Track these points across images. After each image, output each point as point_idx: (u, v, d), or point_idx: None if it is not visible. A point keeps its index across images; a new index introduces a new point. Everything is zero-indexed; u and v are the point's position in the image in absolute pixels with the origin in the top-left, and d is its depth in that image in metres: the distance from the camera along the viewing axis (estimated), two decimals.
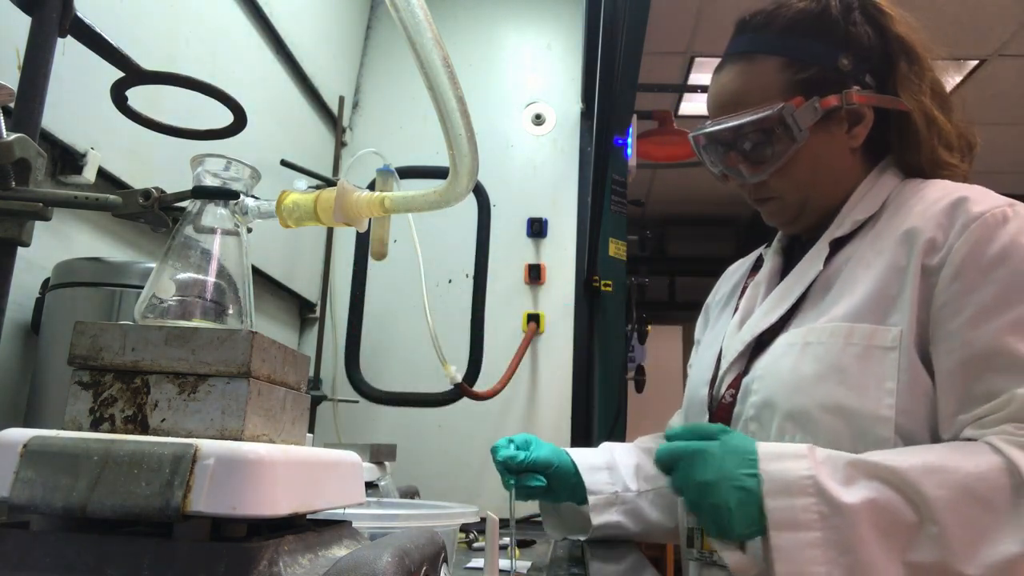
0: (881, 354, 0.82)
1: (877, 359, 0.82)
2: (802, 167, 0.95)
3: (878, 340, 0.83)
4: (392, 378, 2.03)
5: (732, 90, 0.98)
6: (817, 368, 0.85)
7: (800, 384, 0.86)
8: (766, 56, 0.96)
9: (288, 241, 2.02)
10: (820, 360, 0.86)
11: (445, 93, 0.59)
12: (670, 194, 5.52)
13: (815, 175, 0.96)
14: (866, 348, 0.83)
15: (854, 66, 0.95)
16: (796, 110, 0.92)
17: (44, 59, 0.71)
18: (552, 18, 2.47)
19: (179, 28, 1.43)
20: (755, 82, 0.96)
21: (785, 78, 0.94)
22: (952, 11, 3.30)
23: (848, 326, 0.86)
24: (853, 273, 0.90)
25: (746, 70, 0.97)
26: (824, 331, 0.88)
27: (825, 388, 0.84)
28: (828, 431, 0.83)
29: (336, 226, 0.68)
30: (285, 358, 0.55)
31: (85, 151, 1.16)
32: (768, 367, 0.92)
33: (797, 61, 0.95)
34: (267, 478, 0.44)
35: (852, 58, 0.95)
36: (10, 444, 0.44)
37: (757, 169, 0.96)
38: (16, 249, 0.66)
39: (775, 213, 1.01)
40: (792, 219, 1.00)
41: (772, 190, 0.98)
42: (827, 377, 0.84)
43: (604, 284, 2.20)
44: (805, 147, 0.94)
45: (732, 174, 0.99)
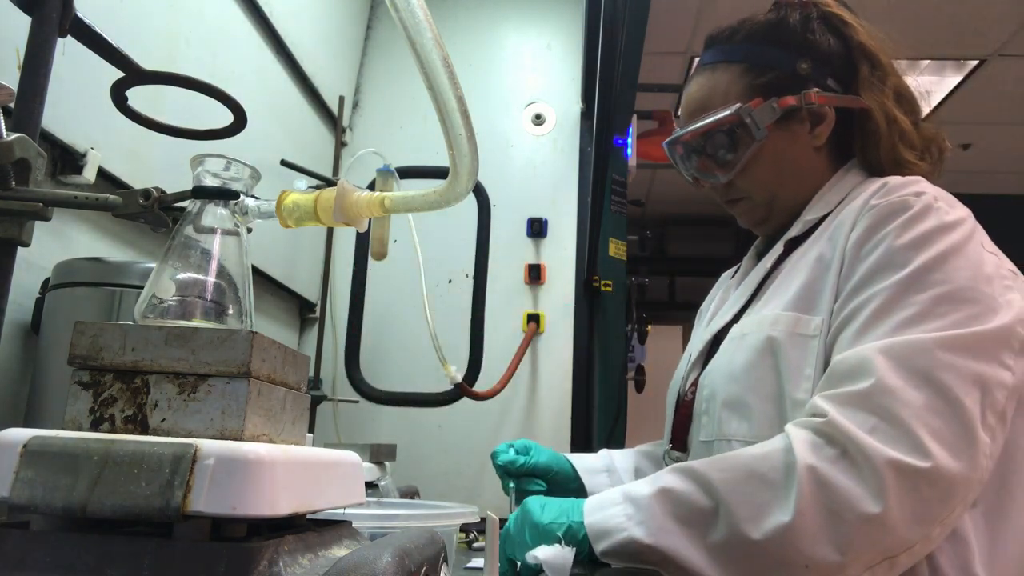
0: (803, 342, 0.86)
1: (799, 347, 0.86)
2: (765, 166, 0.99)
3: (801, 328, 0.87)
4: (392, 378, 2.03)
5: (697, 98, 1.03)
6: (748, 357, 0.90)
7: (734, 373, 0.91)
8: (728, 64, 1.02)
9: (288, 241, 2.02)
10: (750, 349, 0.90)
11: (445, 93, 0.59)
12: (670, 194, 5.52)
13: (780, 174, 1.00)
14: (789, 336, 0.87)
15: (814, 70, 0.99)
16: (754, 110, 0.97)
17: (44, 59, 0.71)
18: (552, 18, 2.47)
19: (179, 28, 1.43)
20: (717, 89, 1.01)
21: (745, 83, 1.00)
22: (952, 11, 3.30)
23: (774, 315, 0.90)
24: (793, 270, 0.94)
25: (709, 78, 1.03)
26: (755, 322, 0.92)
27: (755, 375, 0.88)
28: (761, 416, 0.87)
29: (336, 226, 0.68)
30: (285, 358, 0.55)
31: (85, 151, 1.16)
32: (715, 362, 0.97)
33: (756, 67, 1.00)
34: (267, 478, 0.44)
35: (811, 63, 0.99)
36: (10, 444, 0.44)
37: (723, 170, 1.01)
38: (16, 249, 0.66)
39: (745, 213, 1.06)
40: (763, 219, 1.05)
41: (740, 190, 1.03)
42: (756, 364, 0.89)
43: (604, 284, 2.20)
44: (767, 146, 0.98)
45: (702, 177, 1.04)
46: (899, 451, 0.70)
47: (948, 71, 3.84)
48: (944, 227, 0.82)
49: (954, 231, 0.82)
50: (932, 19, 3.38)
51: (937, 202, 0.85)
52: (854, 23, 1.02)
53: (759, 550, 0.72)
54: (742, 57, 1.01)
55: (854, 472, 0.71)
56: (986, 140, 4.46)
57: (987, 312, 0.77)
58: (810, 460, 0.72)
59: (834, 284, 0.86)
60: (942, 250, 0.80)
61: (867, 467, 0.71)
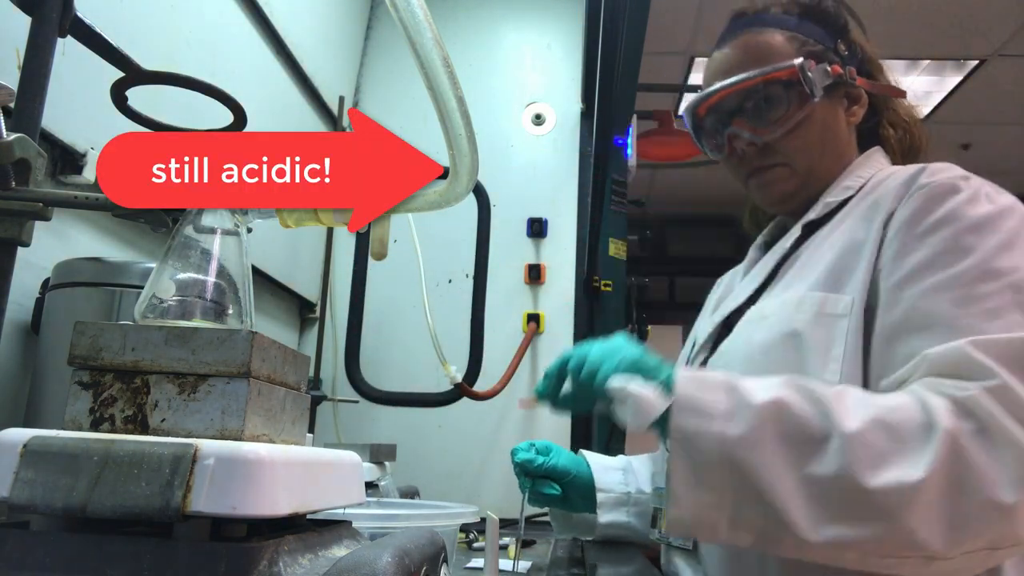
0: (831, 321, 0.82)
1: (826, 326, 0.82)
2: (813, 130, 0.95)
3: (829, 308, 0.83)
4: (392, 378, 2.03)
5: (740, 57, 0.97)
6: (768, 337, 0.86)
7: (752, 354, 0.87)
8: (773, 29, 0.98)
9: (288, 241, 2.02)
10: (771, 329, 0.86)
11: (445, 93, 0.59)
12: (670, 194, 5.52)
13: (823, 143, 0.96)
14: (816, 315, 0.83)
15: (848, 54, 0.99)
16: (813, 68, 0.93)
17: (44, 59, 0.71)
18: (552, 18, 2.46)
19: (179, 28, 1.43)
20: (765, 48, 0.96)
21: (795, 47, 0.96)
22: (952, 11, 3.30)
23: (800, 296, 0.86)
24: (816, 251, 0.90)
25: (753, 39, 0.98)
26: (777, 303, 0.89)
27: (775, 355, 0.84)
28: None
29: (336, 226, 0.68)
30: (285, 358, 0.55)
31: (85, 151, 1.16)
32: (730, 343, 0.93)
33: (803, 36, 0.97)
34: (267, 478, 0.44)
35: (846, 48, 0.99)
36: (10, 444, 0.44)
37: (769, 129, 0.95)
38: (16, 249, 0.67)
39: (777, 181, 0.98)
40: (794, 191, 0.98)
41: (780, 154, 0.96)
42: (777, 344, 0.85)
43: (604, 284, 2.20)
44: (816, 111, 0.94)
45: (743, 135, 0.96)
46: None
47: (948, 71, 3.84)
48: (1003, 212, 0.80)
49: (1012, 216, 0.80)
50: (932, 19, 3.38)
51: (985, 186, 0.83)
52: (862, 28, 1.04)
53: (866, 499, 0.66)
54: (787, 25, 0.98)
55: (995, 454, 0.66)
56: (986, 140, 4.46)
57: None
58: (951, 425, 0.67)
59: (869, 264, 0.83)
60: (1007, 236, 0.78)
61: (1010, 452, 0.66)
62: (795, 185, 0.97)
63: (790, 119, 0.94)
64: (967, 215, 0.79)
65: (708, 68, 1.02)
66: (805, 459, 0.68)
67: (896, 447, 0.67)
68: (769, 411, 0.70)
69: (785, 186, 0.98)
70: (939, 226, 0.80)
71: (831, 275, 0.85)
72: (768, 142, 0.95)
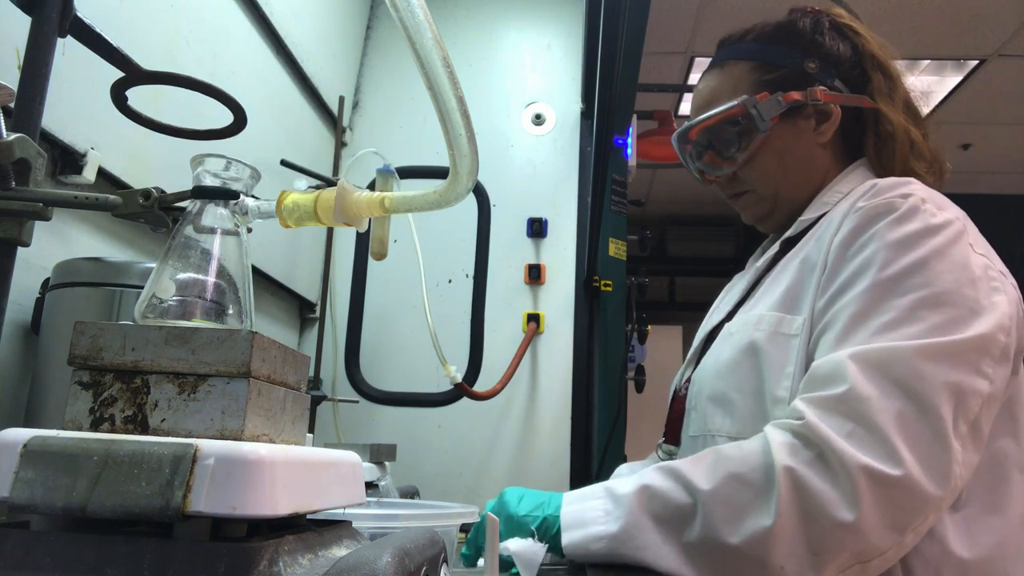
0: (785, 340, 0.87)
1: (781, 345, 0.87)
2: (770, 158, 1.01)
3: (784, 327, 0.88)
4: (392, 378, 2.03)
5: (705, 93, 1.06)
6: (732, 354, 0.92)
7: (719, 369, 0.93)
8: (737, 61, 1.04)
9: (288, 241, 2.02)
10: (735, 347, 0.92)
11: (445, 93, 0.59)
12: (670, 194, 5.52)
13: (784, 168, 1.01)
14: (772, 335, 0.88)
15: (821, 70, 1.01)
16: (760, 102, 0.99)
17: (44, 59, 0.71)
18: (552, 18, 2.46)
19: (179, 28, 1.43)
20: (726, 84, 1.04)
21: (754, 79, 1.02)
22: (952, 11, 3.30)
23: (758, 314, 0.92)
24: (783, 271, 0.95)
25: (719, 74, 1.06)
26: (741, 321, 0.94)
27: (738, 372, 0.90)
28: (743, 410, 0.88)
29: (336, 226, 0.68)
30: (285, 358, 0.55)
31: (85, 151, 1.16)
32: (705, 358, 0.99)
33: (765, 64, 1.02)
34: (267, 478, 0.44)
35: (819, 62, 1.01)
36: (10, 444, 0.44)
37: (729, 162, 1.02)
38: (16, 249, 0.66)
39: (750, 206, 1.06)
40: (767, 213, 1.05)
41: (744, 183, 1.04)
42: (740, 362, 0.90)
43: (604, 284, 2.20)
44: (772, 139, 1.00)
45: (709, 171, 1.06)
46: (873, 458, 0.71)
47: (948, 71, 3.84)
48: (929, 229, 0.82)
49: (939, 233, 0.82)
50: (932, 19, 3.38)
51: (925, 204, 0.84)
52: (865, 34, 1.05)
53: (735, 553, 0.73)
54: (751, 55, 1.04)
55: (829, 476, 0.72)
56: (986, 140, 4.46)
57: (968, 316, 0.77)
58: (787, 462, 0.73)
59: (816, 285, 0.87)
60: (925, 253, 0.80)
61: (842, 472, 0.71)
62: (766, 208, 1.05)
63: (743, 152, 1.01)
64: (890, 234, 0.82)
65: (693, 97, 1.10)
66: (678, 530, 0.77)
67: (748, 496, 0.74)
68: (638, 499, 0.79)
69: (756, 210, 1.06)
70: (864, 246, 0.83)
71: (788, 295, 0.90)
72: (732, 174, 1.03)
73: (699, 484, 0.76)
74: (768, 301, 0.93)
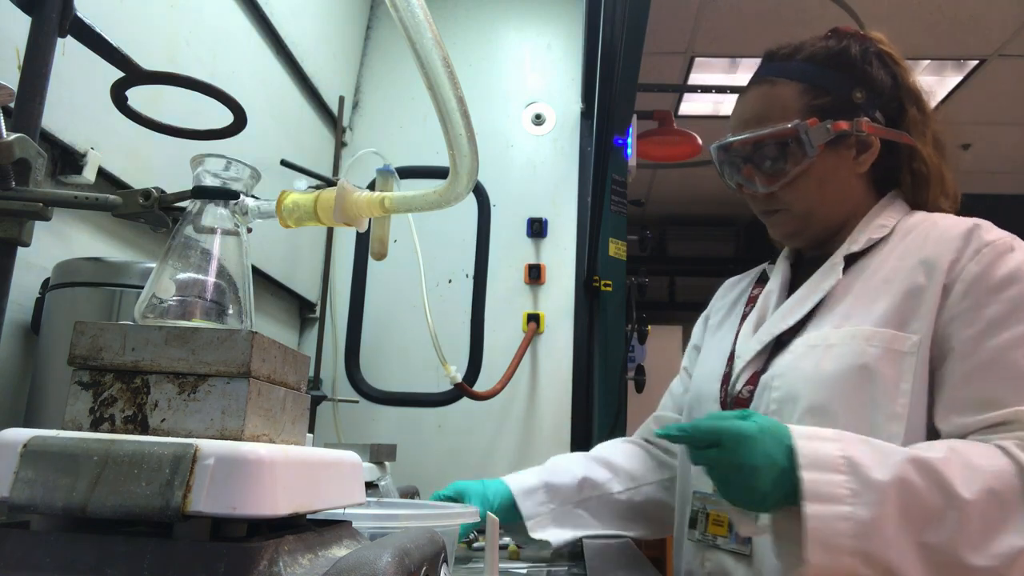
0: (899, 357, 0.90)
1: (895, 361, 0.90)
2: (810, 182, 1.04)
3: (898, 344, 0.91)
4: (392, 378, 2.03)
5: (755, 108, 1.08)
6: (839, 366, 0.93)
7: (823, 381, 0.93)
8: (788, 81, 1.06)
9: (288, 241, 2.01)
10: (842, 359, 0.93)
11: (445, 93, 0.59)
12: (670, 194, 5.52)
13: (822, 192, 1.05)
14: (886, 351, 0.91)
15: (866, 101, 1.05)
16: (811, 128, 1.02)
17: (44, 59, 0.71)
18: (552, 18, 2.46)
19: (179, 28, 1.43)
20: (776, 103, 1.06)
21: (804, 102, 1.04)
22: (952, 11, 3.30)
23: (870, 330, 0.93)
24: (869, 286, 0.98)
25: (769, 92, 1.07)
26: (846, 335, 0.95)
27: (846, 385, 0.92)
28: (846, 426, 0.88)
29: (336, 226, 0.68)
30: (285, 358, 0.55)
31: (85, 151, 1.16)
32: (789, 365, 0.99)
33: (815, 88, 1.05)
34: (267, 478, 0.44)
35: (865, 94, 1.05)
36: (10, 444, 0.44)
37: (770, 181, 1.05)
38: (16, 249, 0.66)
39: (781, 224, 1.10)
40: (796, 231, 1.09)
41: (781, 202, 1.07)
42: (849, 375, 0.92)
43: (604, 284, 2.20)
44: (815, 164, 1.03)
45: (747, 185, 1.08)
46: None
47: (948, 71, 3.84)
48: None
49: None
50: (932, 19, 3.38)
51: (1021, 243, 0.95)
52: (903, 65, 1.08)
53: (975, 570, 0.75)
54: (802, 76, 1.06)
55: None
56: (986, 140, 4.46)
57: None
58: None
59: (932, 310, 0.91)
60: None
61: None
62: (796, 227, 1.08)
63: (787, 174, 1.04)
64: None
65: (735, 108, 1.12)
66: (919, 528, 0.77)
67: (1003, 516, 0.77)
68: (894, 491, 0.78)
69: (787, 228, 1.09)
70: (1009, 282, 0.90)
71: (896, 313, 0.93)
72: (770, 191, 1.06)
73: (959, 491, 0.77)
74: (868, 317, 0.95)
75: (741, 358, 1.07)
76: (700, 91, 3.92)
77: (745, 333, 1.10)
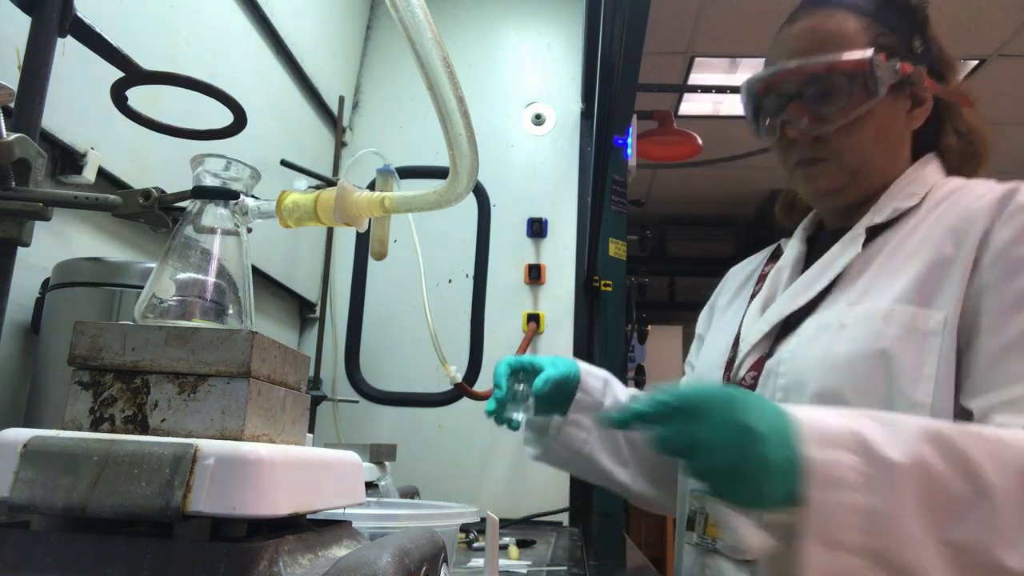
0: (922, 338, 0.79)
1: (918, 343, 0.79)
2: (868, 129, 0.91)
3: (921, 324, 0.80)
4: (392, 378, 2.03)
5: (811, 37, 0.93)
6: (852, 349, 0.82)
7: (835, 365, 0.83)
8: (853, 13, 0.93)
9: (288, 241, 2.02)
10: (856, 341, 0.82)
11: (445, 93, 0.59)
12: (670, 194, 5.52)
13: (878, 143, 0.92)
14: (907, 331, 0.80)
15: (921, 53, 0.94)
16: (882, 63, 0.88)
17: (44, 59, 0.71)
18: (552, 18, 2.46)
19: (179, 28, 1.43)
20: (839, 32, 0.92)
21: (871, 36, 0.91)
22: (952, 11, 3.30)
23: (888, 308, 0.82)
24: (892, 260, 0.87)
25: (826, 21, 0.93)
26: (861, 314, 0.84)
27: (860, 370, 0.81)
28: None
29: (336, 226, 0.68)
30: (285, 358, 0.55)
31: (85, 151, 1.16)
32: (797, 349, 0.88)
33: (881, 25, 0.92)
34: (267, 478, 0.44)
35: (922, 45, 0.94)
36: (10, 444, 0.44)
37: (824, 122, 0.90)
38: (16, 249, 0.67)
39: (824, 175, 0.94)
40: (838, 188, 0.94)
41: (829, 149, 0.92)
42: (863, 359, 0.81)
43: (604, 284, 2.20)
44: (876, 109, 0.90)
45: (793, 122, 0.92)
46: None
47: None
48: None
49: None
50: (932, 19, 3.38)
51: None
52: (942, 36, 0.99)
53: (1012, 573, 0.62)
54: (867, 10, 0.93)
55: None
56: None
57: None
58: None
59: (962, 282, 0.79)
60: None
61: None
62: (841, 182, 0.94)
63: (848, 114, 0.89)
64: None
65: (775, 45, 0.98)
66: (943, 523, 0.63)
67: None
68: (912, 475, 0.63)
69: (830, 182, 0.94)
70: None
71: (919, 289, 0.82)
72: (821, 134, 0.91)
73: (989, 477, 0.63)
74: (889, 293, 0.83)
75: (746, 342, 0.96)
76: (700, 91, 3.92)
77: (752, 314, 0.99)
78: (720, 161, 3.75)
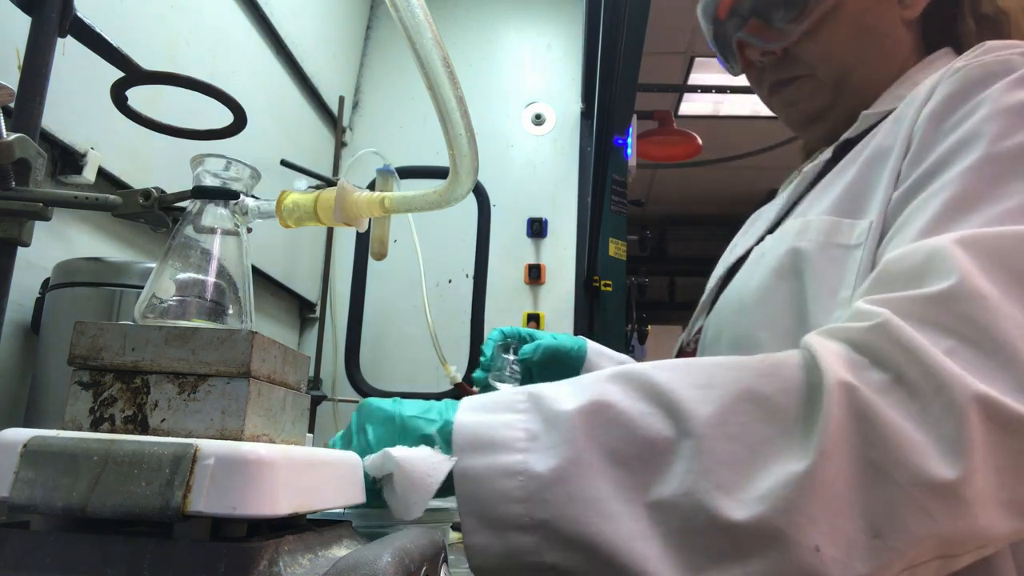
0: (841, 254, 0.63)
1: (835, 261, 0.63)
2: (841, 28, 0.75)
3: (839, 236, 0.64)
4: (392, 378, 2.03)
5: None
6: (761, 282, 0.68)
7: (743, 305, 0.69)
8: None
9: (288, 241, 2.02)
10: (767, 270, 0.68)
11: (445, 93, 0.59)
12: (670, 194, 5.52)
13: (857, 43, 0.75)
14: (821, 247, 0.64)
15: None
16: None
17: (44, 59, 0.71)
18: (552, 18, 2.47)
19: (179, 28, 1.43)
20: None
21: None
22: None
23: (802, 222, 0.67)
24: (841, 173, 0.71)
25: None
26: (776, 236, 0.70)
27: (770, 302, 0.66)
28: None
29: (336, 226, 0.68)
30: (285, 358, 0.55)
31: (85, 151, 1.16)
32: (725, 294, 0.75)
33: None
34: (267, 478, 0.44)
35: None
36: (10, 444, 0.44)
37: (784, 34, 0.76)
38: (16, 249, 0.67)
39: (804, 97, 0.79)
40: (822, 108, 0.79)
41: (802, 64, 0.77)
42: (771, 291, 0.66)
43: (604, 284, 2.20)
44: (846, 5, 0.75)
45: (756, 43, 0.78)
46: (994, 385, 0.44)
47: None
48: None
49: None
50: None
51: None
52: None
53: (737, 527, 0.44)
54: None
55: (916, 409, 0.44)
56: None
57: None
58: (846, 378, 0.45)
59: (892, 175, 0.62)
60: None
61: (940, 403, 0.44)
62: (824, 100, 0.78)
63: (806, 17, 0.74)
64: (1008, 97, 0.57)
65: None
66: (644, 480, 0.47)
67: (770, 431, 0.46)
68: (587, 422, 0.48)
69: (810, 104, 0.79)
70: (969, 113, 0.59)
71: (847, 196, 0.66)
72: (787, 48, 0.77)
73: (691, 406, 0.47)
74: (818, 207, 0.69)
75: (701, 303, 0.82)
76: (700, 91, 3.93)
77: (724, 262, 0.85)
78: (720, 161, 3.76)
